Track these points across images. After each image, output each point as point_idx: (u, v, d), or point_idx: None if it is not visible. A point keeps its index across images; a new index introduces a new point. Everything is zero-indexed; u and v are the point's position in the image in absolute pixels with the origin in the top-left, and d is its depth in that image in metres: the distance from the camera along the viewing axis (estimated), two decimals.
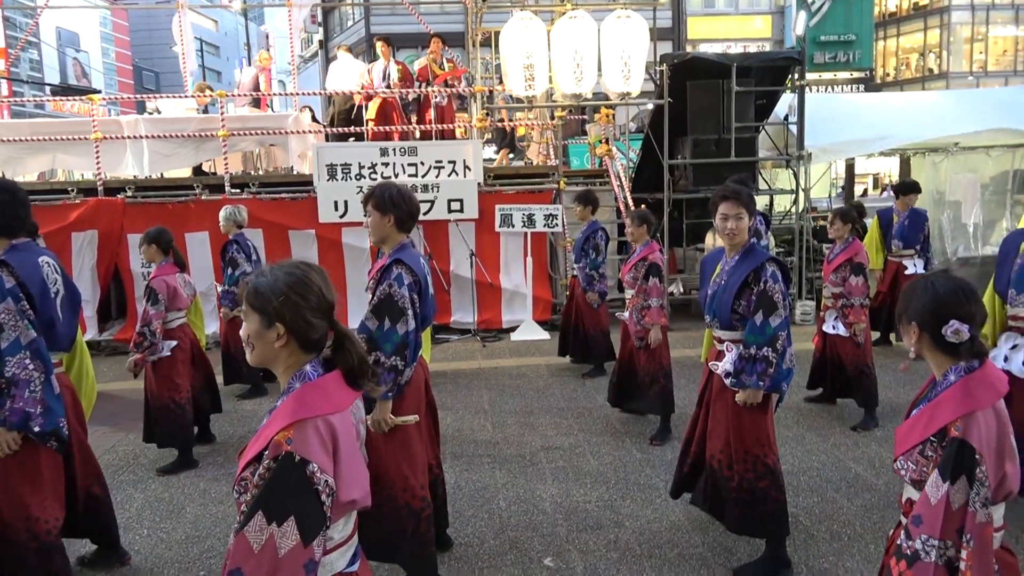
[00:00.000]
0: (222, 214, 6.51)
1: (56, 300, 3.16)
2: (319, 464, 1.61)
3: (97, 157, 8.82)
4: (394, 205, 3.16)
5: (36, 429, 2.90)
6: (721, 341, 3.45)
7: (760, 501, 3.35)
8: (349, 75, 10.68)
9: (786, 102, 9.63)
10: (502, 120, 10.67)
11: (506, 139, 11.99)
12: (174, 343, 4.83)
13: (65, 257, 8.48)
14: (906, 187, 7.55)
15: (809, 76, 9.83)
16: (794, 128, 9.19)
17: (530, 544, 3.78)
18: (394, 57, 10.59)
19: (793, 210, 9.43)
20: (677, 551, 3.65)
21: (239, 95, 10.69)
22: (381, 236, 3.21)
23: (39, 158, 9.43)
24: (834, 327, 5.52)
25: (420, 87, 10.06)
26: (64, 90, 19.45)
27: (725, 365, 3.35)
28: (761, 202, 10.88)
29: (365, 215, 3.23)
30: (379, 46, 10.52)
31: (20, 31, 24.39)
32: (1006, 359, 3.75)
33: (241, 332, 1.82)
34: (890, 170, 13.72)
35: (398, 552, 3.18)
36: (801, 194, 9.23)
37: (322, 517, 1.61)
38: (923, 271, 7.16)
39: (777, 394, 3.37)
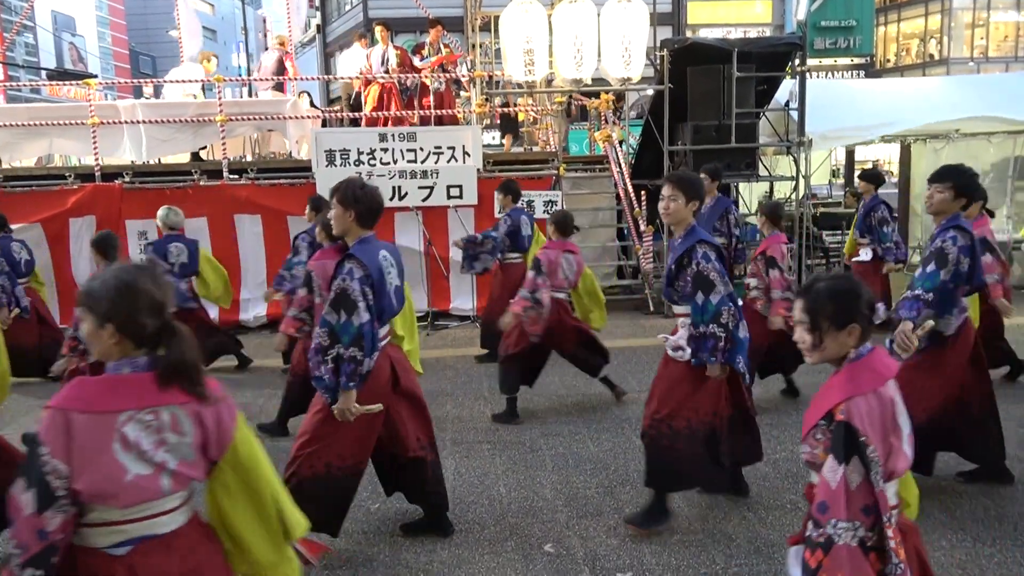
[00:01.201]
0: (158, 213, 6.63)
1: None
2: (49, 448, 1.77)
3: (94, 142, 8.77)
4: (356, 201, 3.30)
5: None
6: (677, 316, 3.75)
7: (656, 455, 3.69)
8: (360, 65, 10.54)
9: (787, 88, 9.58)
10: (507, 105, 10.60)
11: (512, 125, 11.91)
12: None
13: (63, 243, 8.47)
14: (863, 176, 7.58)
15: (809, 62, 9.78)
16: (795, 114, 9.15)
17: (530, 530, 3.79)
18: (392, 42, 10.50)
19: (793, 197, 9.41)
20: (677, 537, 3.66)
21: (261, 79, 10.49)
22: (343, 229, 3.34)
23: (36, 143, 9.38)
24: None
25: (410, 78, 9.96)
26: (60, 75, 19.32)
27: (675, 339, 3.67)
28: (760, 189, 10.88)
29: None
30: (378, 31, 10.44)
31: (15, 15, 24.19)
32: None
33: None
34: (890, 157, 13.70)
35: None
36: (801, 181, 9.21)
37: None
38: (870, 259, 7.02)
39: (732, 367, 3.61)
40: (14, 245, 6.44)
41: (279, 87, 10.42)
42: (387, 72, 10.03)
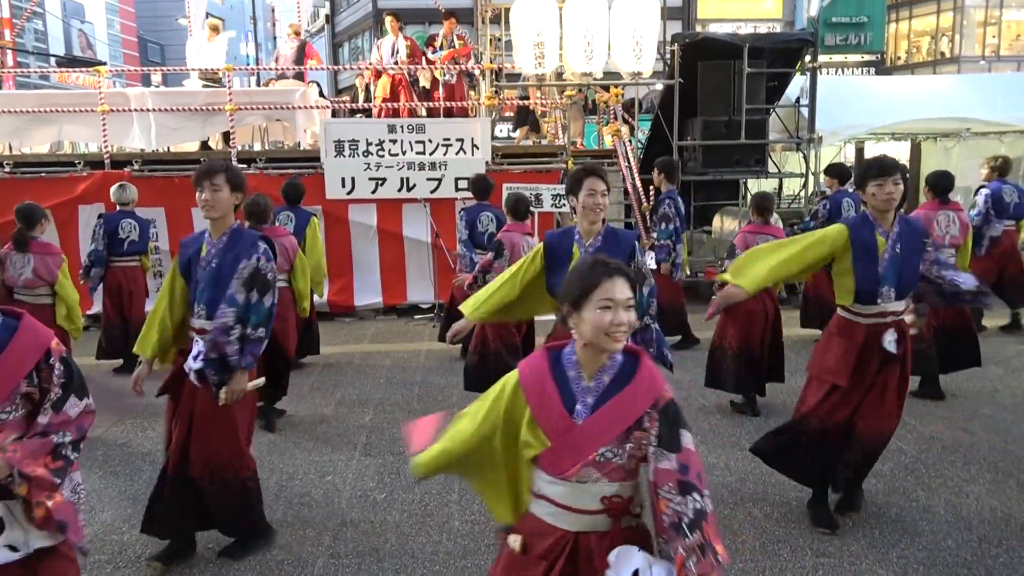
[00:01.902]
0: (111, 190, 6.85)
1: None
2: None
3: (104, 130, 8.78)
4: (243, 189, 3.31)
5: None
6: None
7: None
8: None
9: (797, 84, 9.56)
10: (526, 98, 10.53)
11: (528, 118, 11.82)
12: None
13: (72, 230, 8.49)
14: (828, 171, 7.57)
15: (820, 58, 9.75)
16: (805, 111, 9.12)
17: None
18: (403, 33, 10.48)
19: (802, 194, 9.39)
20: None
21: (281, 68, 10.39)
22: (223, 212, 3.25)
23: (46, 130, 9.39)
24: None
25: (420, 69, 9.93)
26: (70, 62, 19.33)
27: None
28: (769, 185, 10.85)
29: (204, 187, 3.20)
30: (388, 21, 10.41)
31: (26, 1, 24.20)
32: None
33: None
34: (900, 155, 13.63)
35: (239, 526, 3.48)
36: (811, 177, 9.19)
37: None
38: None
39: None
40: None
41: (299, 76, 10.38)
42: (397, 63, 10.01)
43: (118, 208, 6.76)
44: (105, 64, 11.15)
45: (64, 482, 2.09)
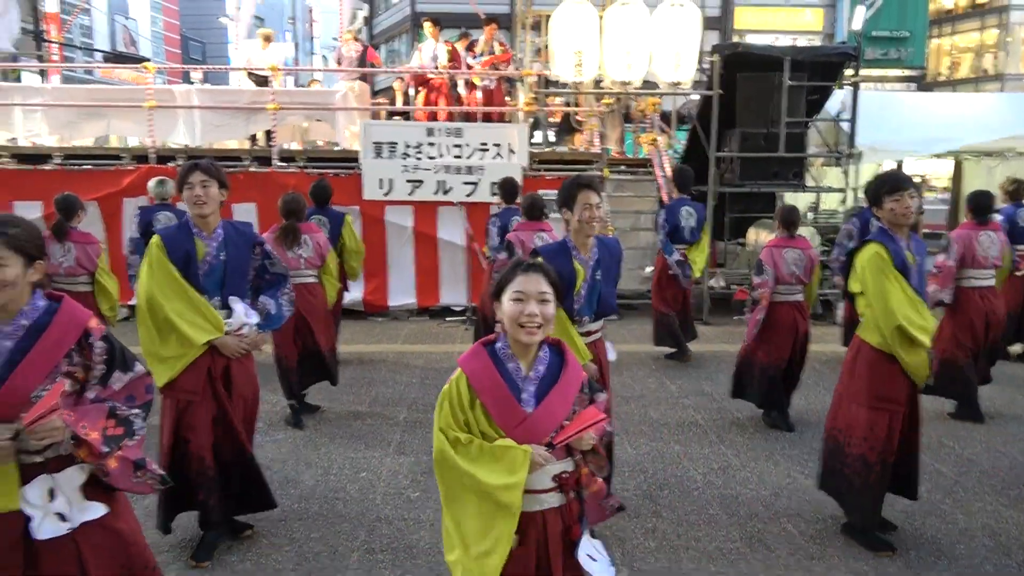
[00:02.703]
0: (148, 185, 6.97)
1: None
2: None
3: (150, 125, 8.97)
4: (227, 187, 3.45)
5: None
6: (591, 333, 3.54)
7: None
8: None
9: (838, 98, 9.47)
10: (576, 104, 10.51)
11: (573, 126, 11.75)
12: None
13: (116, 222, 8.68)
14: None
15: (863, 72, 9.65)
16: (846, 125, 9.04)
17: None
18: (441, 37, 10.58)
19: (841, 209, 9.29)
20: (715, 544, 3.66)
21: (344, 70, 10.47)
22: (214, 207, 3.37)
23: (94, 123, 9.63)
24: None
25: (459, 74, 10.01)
26: (116, 57, 19.77)
27: (612, 355, 3.69)
28: (807, 199, 10.76)
29: (195, 184, 3.30)
30: (427, 27, 10.51)
31: None
32: None
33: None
34: (940, 172, 13.44)
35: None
36: (850, 193, 9.09)
37: None
38: None
39: None
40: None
41: (363, 79, 10.51)
42: (437, 68, 10.11)
43: (156, 202, 6.88)
44: (149, 60, 11.39)
45: (112, 452, 2.13)
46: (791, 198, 10.04)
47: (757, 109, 8.80)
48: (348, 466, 4.56)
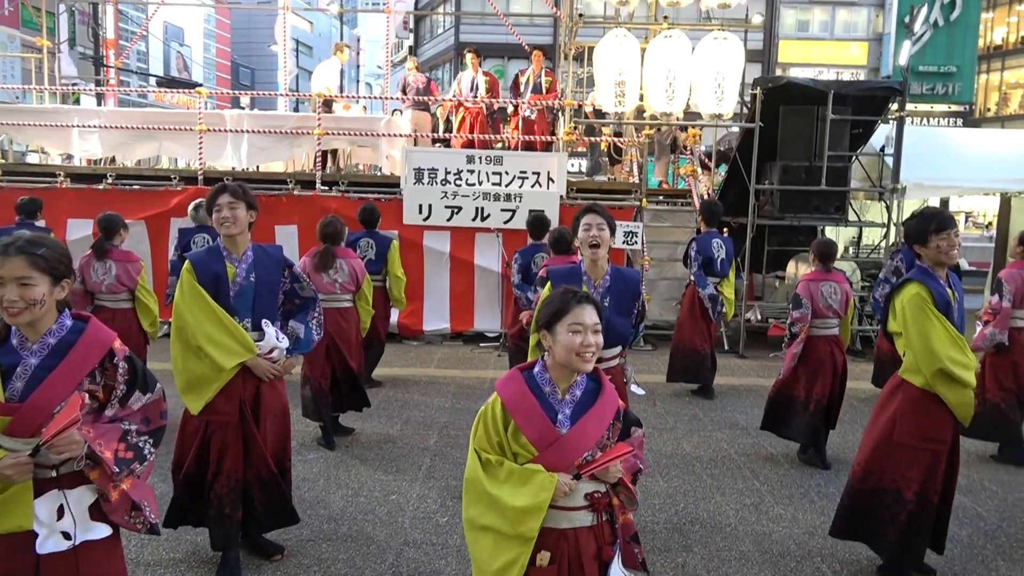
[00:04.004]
0: (188, 210, 7.13)
1: None
2: None
3: (200, 147, 9.25)
4: (256, 208, 3.51)
5: None
6: (603, 360, 3.47)
7: None
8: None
9: (883, 133, 9.36)
10: (619, 134, 10.55)
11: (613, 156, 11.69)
12: None
13: (163, 241, 8.92)
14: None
15: (908, 107, 9.53)
16: (890, 160, 8.92)
17: None
18: (482, 68, 10.75)
19: (883, 244, 9.14)
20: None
21: (408, 98, 10.63)
22: (242, 228, 3.43)
23: (147, 145, 9.96)
24: None
25: (496, 103, 10.15)
26: (169, 82, 20.49)
27: (638, 391, 3.74)
28: (849, 233, 10.62)
29: (223, 206, 3.38)
30: (468, 57, 10.70)
31: (131, 23, 25.79)
32: None
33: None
34: (988, 210, 13.15)
35: None
36: (892, 228, 8.95)
37: None
38: None
39: None
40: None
41: (425, 106, 10.74)
42: (476, 97, 10.26)
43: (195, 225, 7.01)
44: (202, 85, 11.76)
45: (122, 473, 2.18)
46: (832, 232, 9.92)
47: (799, 142, 8.75)
48: (378, 489, 4.58)
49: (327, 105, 10.23)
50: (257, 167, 10.18)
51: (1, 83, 13.37)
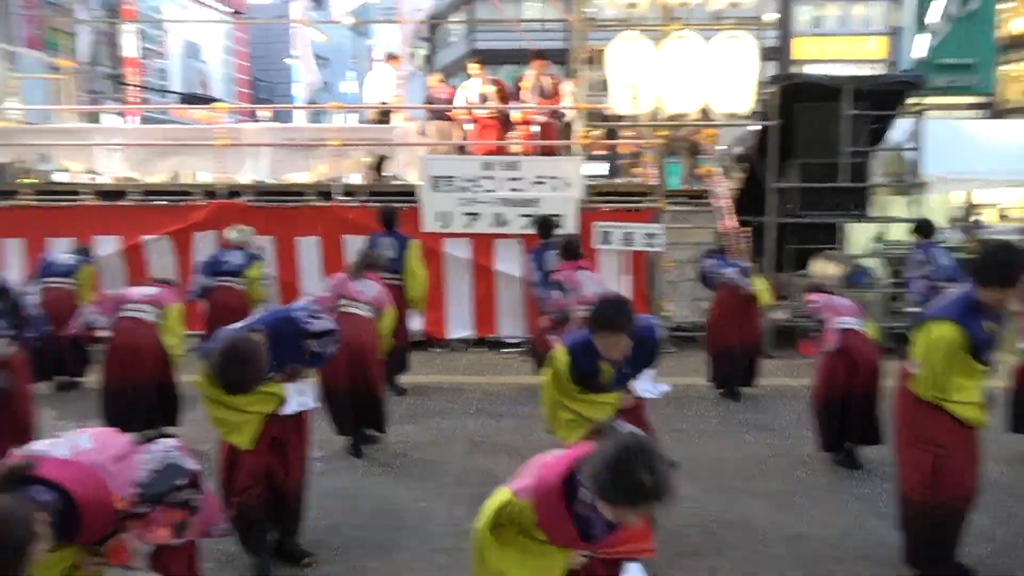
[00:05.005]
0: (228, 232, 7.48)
1: None
2: None
3: (221, 162, 9.35)
4: None
5: None
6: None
7: None
8: None
9: (903, 127, 9.27)
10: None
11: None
12: None
13: (186, 256, 9.01)
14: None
15: (927, 100, 9.42)
16: (911, 154, 8.83)
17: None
18: (488, 76, 10.86)
19: (906, 239, 9.02)
20: None
21: (474, 107, 10.71)
22: None
23: (168, 161, 10.07)
24: None
25: (508, 109, 10.19)
26: (190, 98, 20.79)
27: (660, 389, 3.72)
28: (871, 230, 10.50)
29: None
30: (473, 67, 10.79)
31: (151, 42, 26.14)
32: None
33: None
34: (1013, 202, 12.94)
35: None
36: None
37: None
38: None
39: None
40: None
41: (447, 118, 10.91)
42: (486, 105, 10.27)
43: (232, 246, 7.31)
44: (221, 100, 11.92)
45: (184, 532, 2.25)
46: (854, 228, 9.83)
47: (817, 139, 8.68)
48: (406, 495, 4.59)
49: (384, 115, 10.37)
50: (278, 179, 10.26)
51: (28, 104, 13.61)
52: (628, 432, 2.16)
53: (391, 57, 11.63)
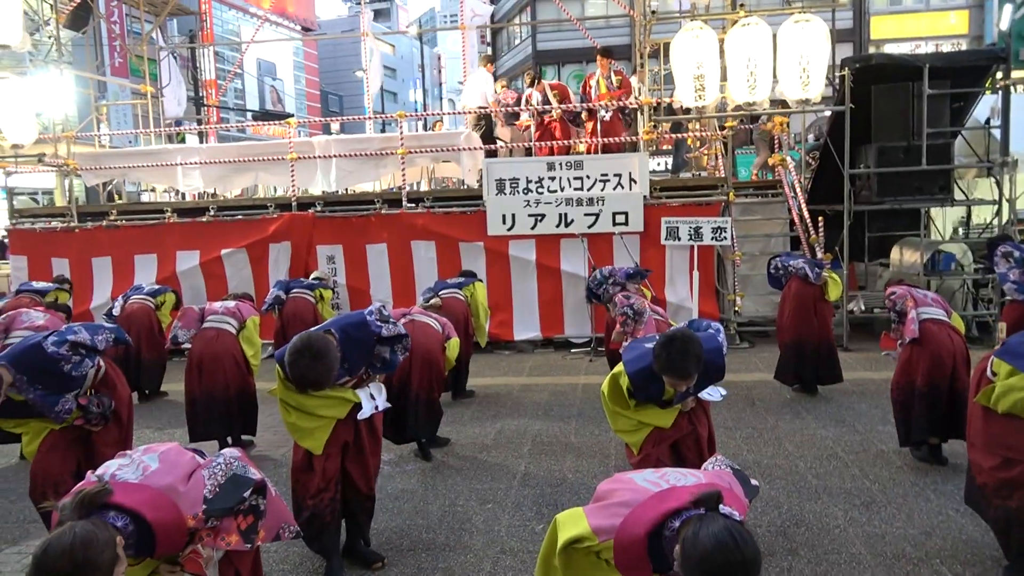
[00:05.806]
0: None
1: None
2: None
3: (292, 175, 9.66)
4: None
5: None
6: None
7: None
8: None
9: (988, 104, 8.77)
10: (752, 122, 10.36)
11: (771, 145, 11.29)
12: None
13: (263, 266, 9.37)
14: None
15: (1013, 75, 8.86)
16: (997, 132, 8.35)
17: None
18: (546, 81, 10.95)
19: (995, 223, 8.55)
20: None
21: (501, 111, 10.78)
22: None
23: (244, 176, 10.50)
24: None
25: (572, 109, 10.17)
26: (264, 115, 21.57)
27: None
28: (956, 213, 10.01)
29: None
30: (526, 75, 10.93)
31: (227, 63, 27.26)
32: None
33: None
34: None
35: None
36: (1005, 205, 8.36)
37: None
38: None
39: None
40: None
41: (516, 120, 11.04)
42: (549, 108, 10.25)
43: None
44: (293, 116, 12.29)
45: (254, 537, 2.30)
46: (938, 213, 9.37)
47: (895, 121, 8.31)
48: (474, 497, 4.62)
49: (487, 119, 10.55)
50: (346, 189, 10.54)
51: (115, 129, 14.39)
52: (724, 522, 1.91)
53: (488, 61, 11.78)
